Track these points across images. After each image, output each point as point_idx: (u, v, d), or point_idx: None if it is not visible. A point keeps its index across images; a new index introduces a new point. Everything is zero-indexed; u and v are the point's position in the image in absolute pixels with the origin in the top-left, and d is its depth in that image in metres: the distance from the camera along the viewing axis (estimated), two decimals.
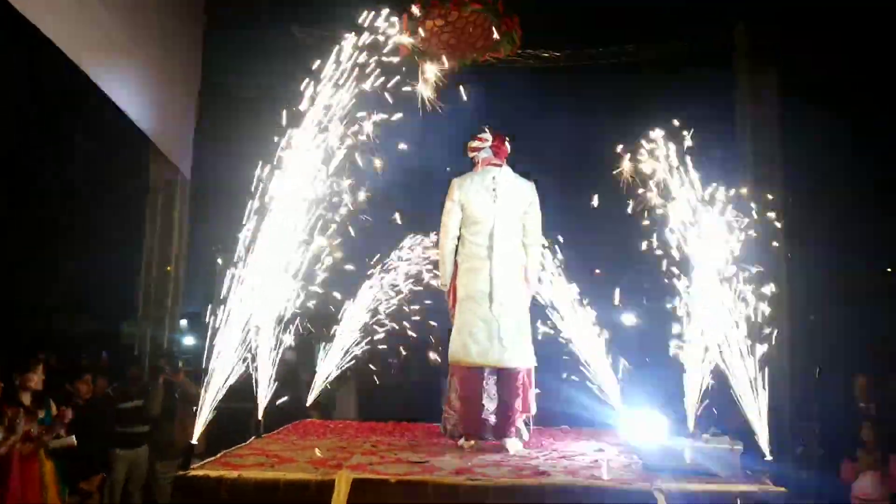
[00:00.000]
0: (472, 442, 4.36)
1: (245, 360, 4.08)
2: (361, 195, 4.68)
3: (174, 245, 7.20)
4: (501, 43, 6.80)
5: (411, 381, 8.94)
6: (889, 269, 9.51)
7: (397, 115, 4.37)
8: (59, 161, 8.18)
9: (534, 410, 4.68)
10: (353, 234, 4.81)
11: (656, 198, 4.34)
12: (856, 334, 8.51)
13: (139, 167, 7.51)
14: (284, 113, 4.24)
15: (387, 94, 4.34)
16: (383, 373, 7.89)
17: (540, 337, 5.26)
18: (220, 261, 4.05)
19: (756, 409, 3.58)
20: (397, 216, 5.61)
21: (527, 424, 4.72)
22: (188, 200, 7.44)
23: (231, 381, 3.88)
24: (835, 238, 8.43)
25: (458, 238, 4.69)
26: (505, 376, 4.49)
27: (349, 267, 5.22)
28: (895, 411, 5.62)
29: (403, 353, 6.60)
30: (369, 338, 5.77)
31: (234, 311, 3.96)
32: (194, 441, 3.53)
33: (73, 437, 5.50)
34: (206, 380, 3.69)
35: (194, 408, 4.03)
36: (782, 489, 3.26)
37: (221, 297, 3.94)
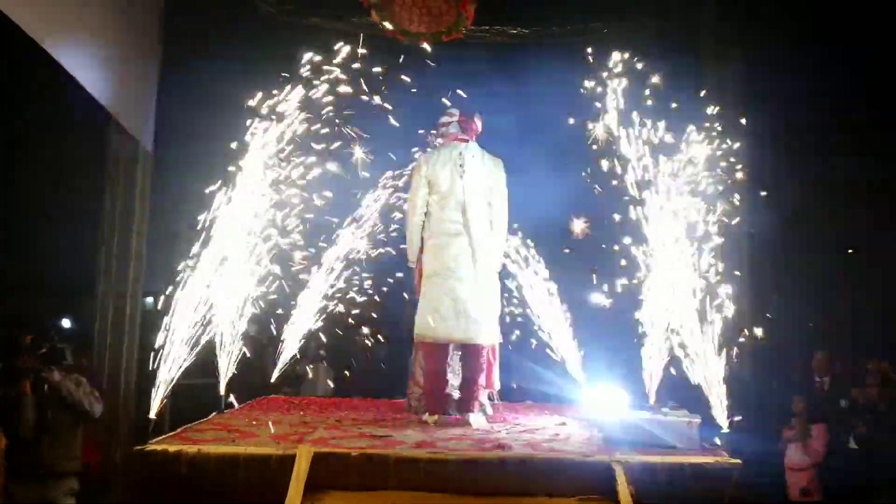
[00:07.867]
0: (436, 417, 4.38)
1: (203, 336, 4.04)
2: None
3: (135, 220, 7.03)
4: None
5: (379, 358, 8.93)
6: (850, 251, 9.72)
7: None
8: (11, 132, 7.92)
9: (498, 386, 4.71)
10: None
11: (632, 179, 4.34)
12: (817, 311, 8.70)
13: (98, 140, 7.30)
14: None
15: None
16: (353, 350, 7.88)
17: (506, 315, 5.27)
18: (183, 230, 4.00)
19: (714, 382, 3.64)
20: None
21: (491, 400, 4.76)
22: (150, 175, 7.26)
23: (191, 357, 3.85)
24: (798, 218, 8.56)
25: (426, 214, 4.66)
26: (470, 352, 4.50)
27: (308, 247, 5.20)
28: (844, 386, 5.79)
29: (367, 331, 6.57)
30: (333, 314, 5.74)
31: (195, 287, 3.92)
32: (152, 416, 3.48)
33: None
34: (160, 356, 3.65)
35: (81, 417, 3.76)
36: (738, 461, 3.33)
37: (182, 272, 3.90)
